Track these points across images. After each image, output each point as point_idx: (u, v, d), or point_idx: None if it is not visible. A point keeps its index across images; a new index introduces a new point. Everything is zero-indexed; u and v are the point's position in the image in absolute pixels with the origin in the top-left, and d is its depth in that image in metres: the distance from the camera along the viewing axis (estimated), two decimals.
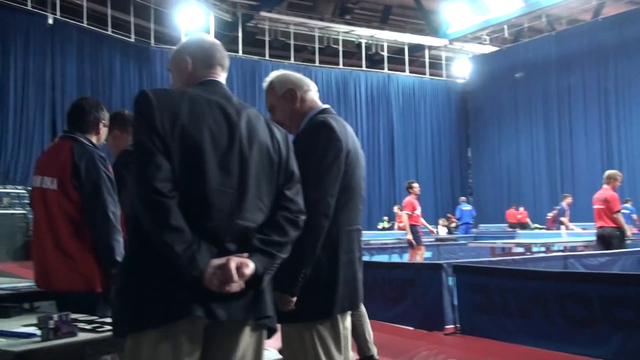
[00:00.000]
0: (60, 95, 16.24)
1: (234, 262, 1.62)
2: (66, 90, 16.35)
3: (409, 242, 10.11)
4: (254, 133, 1.76)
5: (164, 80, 17.69)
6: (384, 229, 18.76)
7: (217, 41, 1.92)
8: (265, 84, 2.37)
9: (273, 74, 2.38)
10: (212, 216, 1.65)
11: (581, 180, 17.65)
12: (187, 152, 1.64)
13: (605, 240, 7.63)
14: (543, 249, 9.83)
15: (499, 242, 11.04)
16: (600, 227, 7.69)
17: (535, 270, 5.00)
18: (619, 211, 7.61)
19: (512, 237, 13.36)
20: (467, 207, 17.56)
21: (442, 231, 17.52)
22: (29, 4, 15.61)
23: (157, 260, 1.60)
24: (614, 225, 7.57)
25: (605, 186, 7.83)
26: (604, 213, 7.60)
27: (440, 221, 18.26)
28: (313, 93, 2.35)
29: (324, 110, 2.30)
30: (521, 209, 18.19)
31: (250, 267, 1.65)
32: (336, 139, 2.14)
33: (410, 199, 10.18)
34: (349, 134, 2.22)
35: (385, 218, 19.58)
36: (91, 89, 16.82)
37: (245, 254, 1.67)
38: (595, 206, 7.70)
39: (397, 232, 16.38)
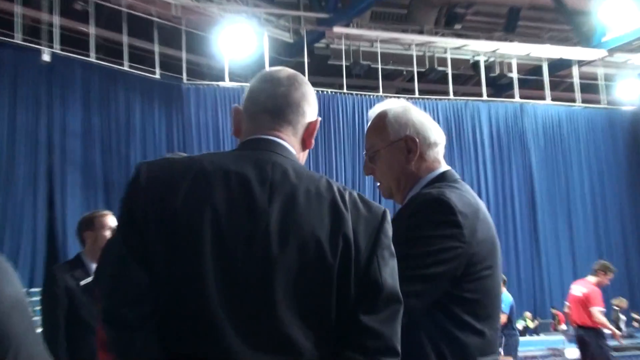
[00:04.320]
0: (59, 156, 15.40)
1: None
2: (67, 149, 15.53)
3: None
4: (296, 223, 1.66)
5: (201, 130, 17.16)
6: (526, 329, 17.58)
7: (300, 76, 1.90)
8: (372, 115, 2.36)
9: (388, 105, 2.36)
10: (210, 351, 1.60)
11: None
12: (177, 250, 1.63)
13: None
14: None
15: None
16: None
17: None
18: None
19: None
20: None
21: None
22: (18, 36, 15.07)
23: None
24: None
25: None
26: None
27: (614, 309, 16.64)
28: (439, 149, 2.30)
29: (442, 176, 2.26)
30: None
31: None
32: (453, 224, 2.04)
33: (596, 287, 9.72)
34: (482, 217, 2.14)
35: (528, 314, 18.43)
36: (102, 145, 16.07)
37: None
38: None
39: (551, 337, 15.99)
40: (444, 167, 2.26)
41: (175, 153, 2.90)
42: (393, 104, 2.33)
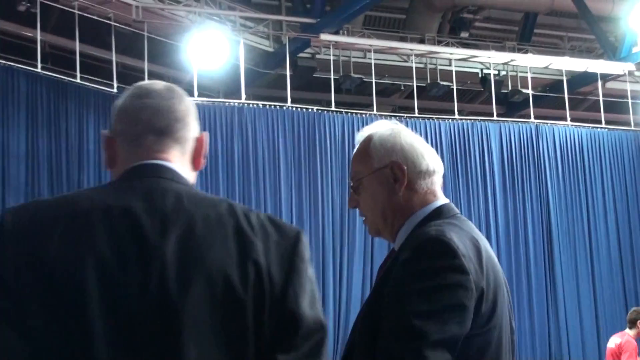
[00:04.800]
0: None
1: None
2: (9, 174, 15.13)
3: None
4: (198, 258, 1.67)
5: None
6: None
7: (175, 89, 1.94)
8: (359, 140, 2.41)
9: (376, 127, 2.39)
10: None
11: None
12: (58, 310, 1.61)
13: None
14: None
15: None
16: None
17: None
18: None
19: None
20: None
21: None
22: None
23: None
24: None
25: None
26: None
27: None
28: (435, 179, 2.32)
29: (438, 211, 2.25)
30: None
31: None
32: (458, 270, 2.01)
33: (632, 338, 10.06)
34: (486, 256, 2.14)
35: None
36: (49, 169, 15.62)
37: None
38: None
39: None
40: (441, 200, 2.28)
41: None
42: (381, 126, 2.36)
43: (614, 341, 10.12)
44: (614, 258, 20.12)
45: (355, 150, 2.35)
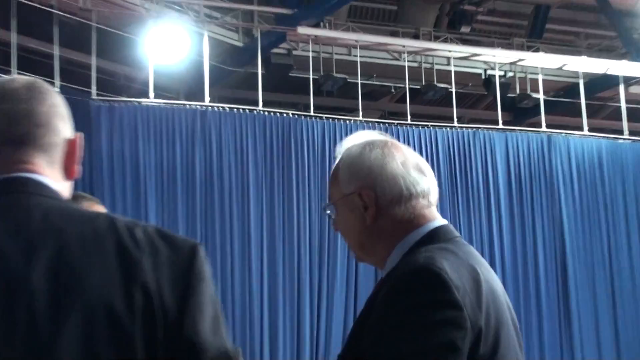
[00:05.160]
0: None
1: None
2: None
3: None
4: (72, 284, 1.62)
5: (114, 160, 16.21)
6: None
7: (38, 84, 1.92)
8: (337, 154, 2.47)
9: (352, 141, 2.43)
10: None
11: None
12: None
13: None
14: None
15: None
16: None
17: None
18: None
19: None
20: None
21: None
22: None
23: None
24: None
25: None
26: None
27: None
28: (421, 203, 2.30)
29: (433, 234, 2.24)
30: None
31: None
32: (450, 305, 1.99)
33: None
34: (486, 288, 2.10)
35: None
36: None
37: None
38: None
39: None
40: (438, 221, 2.27)
41: (77, 192, 3.07)
42: (355, 142, 2.38)
43: None
44: (638, 284, 19.52)
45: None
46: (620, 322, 18.96)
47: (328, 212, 2.40)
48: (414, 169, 2.27)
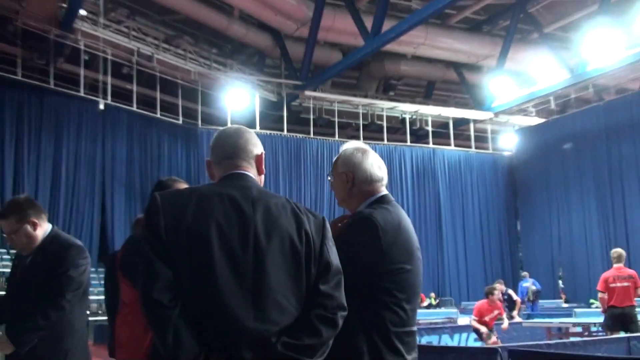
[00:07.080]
0: (110, 178, 16.57)
1: None
2: (115, 173, 16.71)
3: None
4: (274, 224, 1.73)
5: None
6: (430, 306, 18.21)
7: (243, 128, 1.94)
8: (341, 149, 2.38)
9: (348, 146, 2.37)
10: (223, 320, 1.62)
11: (637, 253, 16.83)
12: (193, 252, 1.64)
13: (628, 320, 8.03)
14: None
15: (555, 322, 10.64)
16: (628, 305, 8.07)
17: (597, 357, 4.85)
18: None
19: (569, 315, 12.86)
20: (526, 283, 16.90)
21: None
22: (82, 90, 16.07)
23: None
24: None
25: (620, 264, 8.28)
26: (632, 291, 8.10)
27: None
28: (378, 183, 2.28)
29: (379, 199, 2.23)
30: None
31: None
32: (373, 236, 2.07)
33: (483, 304, 9.29)
34: (403, 229, 2.14)
35: (432, 295, 19.15)
36: (139, 170, 17.19)
37: None
38: (622, 284, 8.08)
39: (446, 310, 16.33)
40: (384, 192, 2.27)
41: (171, 178, 2.94)
42: (350, 146, 2.36)
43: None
44: (479, 235, 21.84)
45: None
46: (468, 247, 21.22)
47: (329, 178, 2.34)
48: (376, 166, 2.30)
